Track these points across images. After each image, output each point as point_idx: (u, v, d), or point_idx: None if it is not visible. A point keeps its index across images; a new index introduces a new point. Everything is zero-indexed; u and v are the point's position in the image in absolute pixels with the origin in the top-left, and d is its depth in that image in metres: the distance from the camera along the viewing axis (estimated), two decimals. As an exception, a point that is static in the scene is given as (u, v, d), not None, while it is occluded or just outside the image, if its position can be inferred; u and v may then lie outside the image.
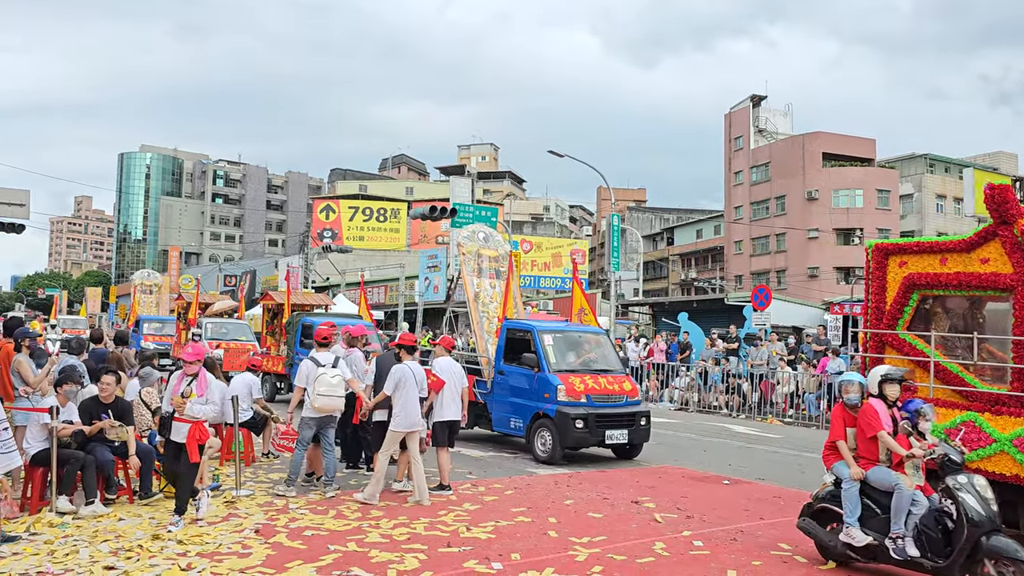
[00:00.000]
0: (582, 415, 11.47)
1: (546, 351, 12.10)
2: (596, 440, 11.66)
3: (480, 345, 13.97)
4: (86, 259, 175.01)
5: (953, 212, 54.37)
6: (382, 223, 64.57)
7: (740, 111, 60.84)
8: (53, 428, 7.78)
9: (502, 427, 12.76)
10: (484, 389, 13.10)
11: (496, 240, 15.69)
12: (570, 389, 11.66)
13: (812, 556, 7.09)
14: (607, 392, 12.00)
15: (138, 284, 35.89)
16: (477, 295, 14.44)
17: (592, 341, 13.12)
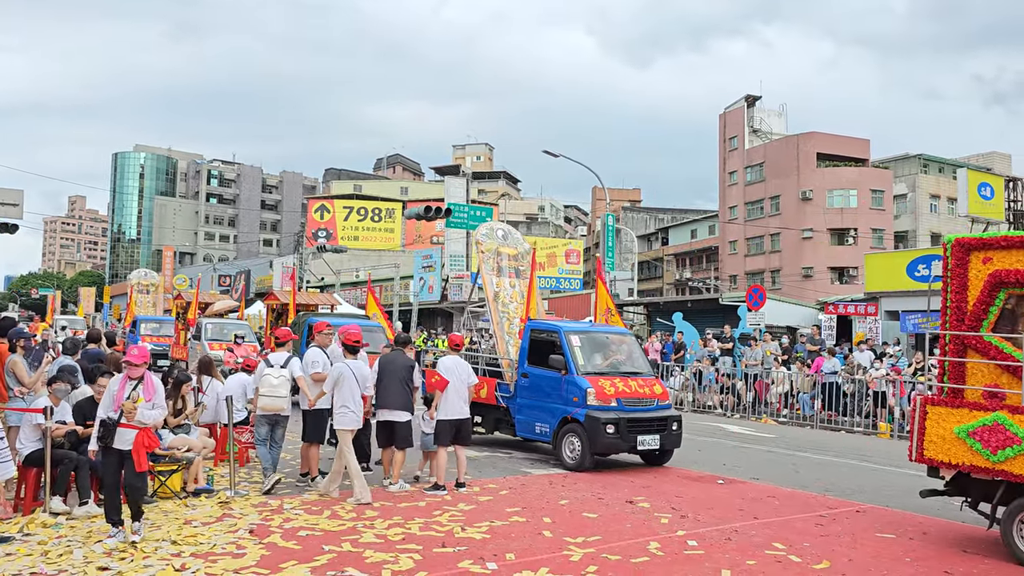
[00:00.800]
0: (613, 420, 10.91)
1: (573, 353, 11.55)
2: (628, 446, 11.09)
3: (501, 346, 13.36)
4: (80, 259, 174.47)
5: (947, 212, 54.50)
6: (377, 223, 64.52)
7: (735, 111, 60.92)
8: (47, 429, 7.76)
9: (526, 432, 12.19)
10: (506, 392, 12.54)
11: (515, 238, 15.11)
12: (600, 392, 11.10)
13: (806, 555, 7.12)
14: (638, 395, 11.44)
15: (135, 284, 35.15)
16: (497, 294, 13.83)
17: (619, 342, 12.56)
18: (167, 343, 25.93)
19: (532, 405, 12.02)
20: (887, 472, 12.25)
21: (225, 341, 21.93)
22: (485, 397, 12.70)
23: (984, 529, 8.40)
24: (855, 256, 47.69)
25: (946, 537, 8.04)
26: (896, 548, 7.52)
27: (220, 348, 20.37)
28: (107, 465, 7.07)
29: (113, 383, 7.22)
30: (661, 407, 11.63)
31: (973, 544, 7.78)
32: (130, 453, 6.93)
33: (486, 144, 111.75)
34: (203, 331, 22.62)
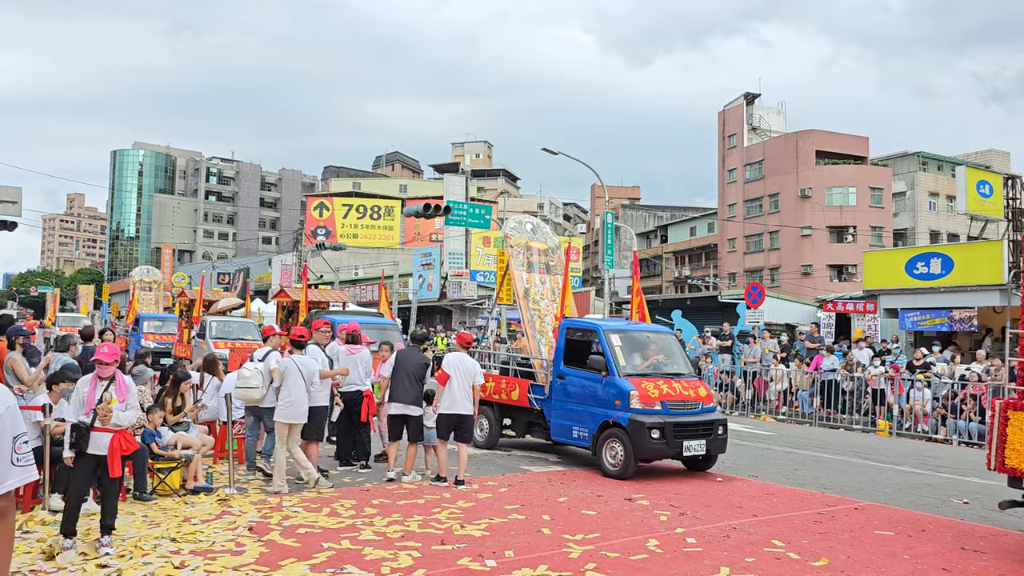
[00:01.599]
0: (658, 424, 10.32)
1: (614, 353, 10.93)
2: (673, 452, 10.53)
3: (532, 346, 12.75)
4: (79, 257, 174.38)
5: (946, 210, 54.51)
6: (376, 221, 64.50)
7: (734, 109, 60.89)
8: (46, 426, 7.76)
9: (562, 436, 11.53)
10: (540, 394, 11.86)
11: (545, 232, 14.48)
12: (644, 395, 10.49)
13: (805, 552, 7.12)
14: (683, 398, 10.84)
15: (137, 281, 34.55)
16: (527, 291, 13.21)
17: (660, 341, 11.95)
18: (170, 341, 25.72)
19: (569, 408, 11.39)
20: (886, 469, 12.26)
21: (230, 339, 21.52)
22: (517, 399, 12.20)
23: (982, 526, 8.42)
24: (854, 254, 47.70)
25: (945, 534, 8.05)
26: (895, 545, 7.53)
27: (225, 346, 20.14)
28: (79, 471, 6.68)
29: (82, 384, 6.84)
30: (706, 410, 11.04)
31: (971, 541, 7.79)
32: (105, 459, 6.73)
33: (485, 142, 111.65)
34: (208, 329, 22.21)
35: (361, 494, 9.09)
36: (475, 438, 12.39)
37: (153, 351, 22.96)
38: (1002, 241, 21.63)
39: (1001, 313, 21.50)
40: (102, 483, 6.80)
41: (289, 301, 20.66)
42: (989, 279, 20.51)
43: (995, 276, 20.38)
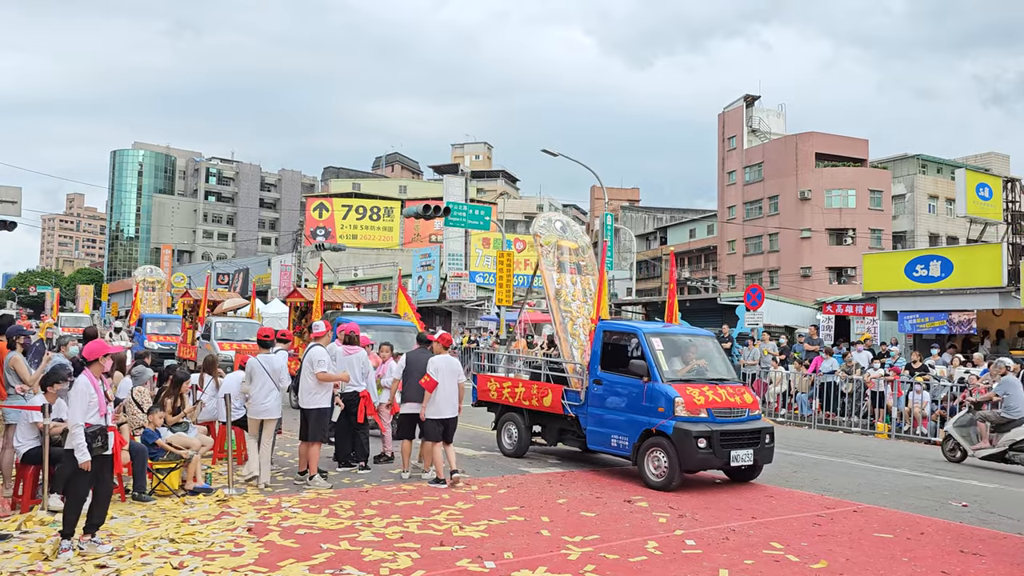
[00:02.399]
0: (705, 433, 9.79)
1: (656, 357, 10.41)
2: (721, 462, 10.00)
3: (564, 349, 12.11)
4: (78, 257, 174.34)
5: (945, 213, 54.52)
6: (375, 221, 64.55)
7: (734, 111, 60.92)
8: (45, 426, 7.75)
9: (600, 445, 10.98)
10: (575, 401, 11.29)
11: (575, 230, 13.88)
12: (689, 402, 9.98)
13: (804, 555, 7.13)
14: (729, 405, 10.34)
15: (140, 281, 33.72)
16: (558, 292, 12.59)
17: (701, 345, 11.42)
18: (174, 342, 25.43)
19: (607, 415, 10.79)
20: (885, 472, 12.26)
21: (236, 340, 21.06)
22: (549, 405, 11.62)
23: (980, 529, 8.42)
24: (853, 256, 47.72)
25: (943, 537, 8.05)
26: (893, 548, 7.54)
27: (231, 348, 19.86)
28: (86, 472, 6.54)
29: (85, 387, 6.62)
30: (752, 418, 10.58)
31: (970, 544, 7.79)
32: (111, 458, 6.79)
33: (485, 143, 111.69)
34: (213, 330, 21.82)
35: (360, 495, 9.10)
36: (503, 446, 12.32)
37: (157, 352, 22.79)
38: (1001, 244, 21.64)
39: (1000, 316, 21.53)
40: (100, 483, 6.74)
41: (302, 302, 19.96)
42: (988, 282, 20.52)
43: (994, 279, 20.39)
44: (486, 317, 38.15)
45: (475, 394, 13.03)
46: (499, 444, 12.56)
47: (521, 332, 32.48)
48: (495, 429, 12.77)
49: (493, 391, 12.67)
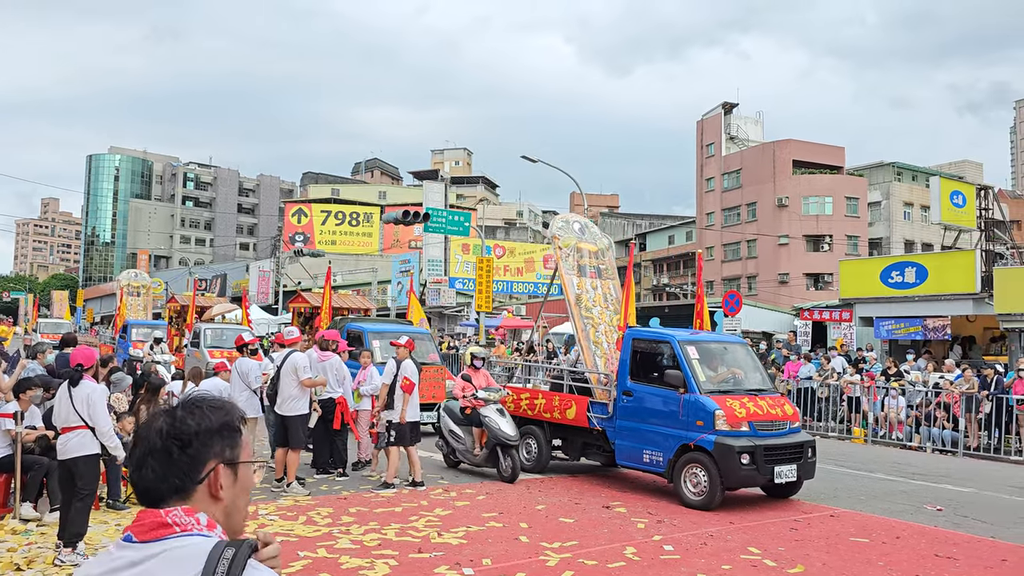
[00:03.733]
0: (748, 448, 9.18)
1: (692, 367, 9.77)
2: (764, 479, 9.40)
3: (587, 358, 11.39)
4: (53, 262, 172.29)
5: (920, 220, 55.15)
6: (355, 227, 64.24)
7: (712, 118, 61.33)
8: (18, 434, 7.65)
9: (630, 461, 10.31)
10: (602, 413, 10.63)
11: (594, 232, 13.17)
12: (731, 415, 9.36)
13: (781, 559, 7.16)
14: (771, 418, 9.72)
15: (125, 285, 32.38)
16: (579, 297, 11.90)
17: (735, 353, 10.84)
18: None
19: (638, 429, 10.13)
20: (861, 477, 12.35)
21: (226, 348, 19.93)
22: (573, 418, 10.97)
23: (955, 533, 8.50)
24: (830, 262, 48.12)
25: (919, 541, 8.12)
26: (870, 552, 7.59)
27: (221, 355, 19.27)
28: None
29: (103, 391, 6.94)
30: (793, 431, 9.97)
31: (945, 548, 7.86)
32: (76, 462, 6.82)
33: (465, 149, 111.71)
34: (202, 337, 20.82)
35: (338, 502, 9.04)
36: (522, 461, 11.27)
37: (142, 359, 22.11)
38: (975, 251, 21.91)
39: (974, 322, 21.77)
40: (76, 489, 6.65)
41: (308, 307, 19.34)
42: (962, 288, 20.76)
43: (968, 285, 20.63)
44: (465, 323, 38.09)
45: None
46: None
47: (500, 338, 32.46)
48: None
49: (510, 403, 11.87)
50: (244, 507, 1.73)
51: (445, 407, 11.36)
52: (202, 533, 1.56)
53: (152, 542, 1.54)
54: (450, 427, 11.09)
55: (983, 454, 14.82)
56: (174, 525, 1.56)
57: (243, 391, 10.09)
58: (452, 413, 11.17)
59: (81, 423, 6.65)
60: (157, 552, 1.52)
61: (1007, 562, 7.46)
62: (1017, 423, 14.77)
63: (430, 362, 15.22)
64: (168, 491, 1.61)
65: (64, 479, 6.79)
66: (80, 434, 6.64)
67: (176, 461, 1.61)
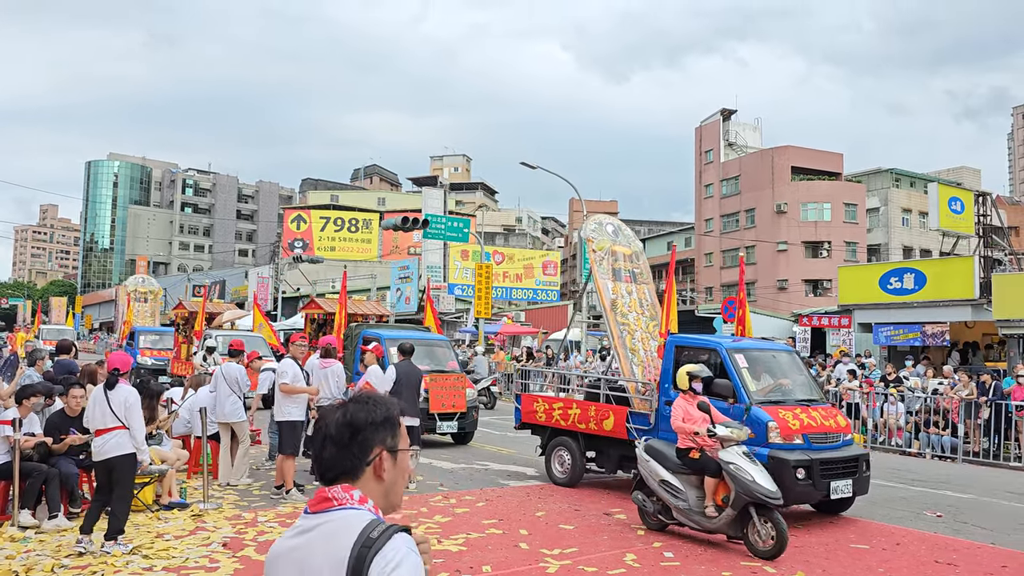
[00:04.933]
0: (803, 462, 8.66)
1: (742, 376, 9.32)
2: (820, 495, 8.87)
3: (624, 367, 10.84)
4: (52, 268, 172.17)
5: (919, 226, 55.20)
6: (354, 233, 64.25)
7: (710, 125, 61.44)
8: (16, 441, 7.63)
9: None
10: (643, 424, 10.04)
11: (627, 235, 12.64)
12: (784, 427, 8.88)
13: (781, 566, 7.15)
14: (825, 430, 9.24)
15: (132, 291, 31.74)
16: (614, 303, 11.32)
17: (783, 361, 10.33)
18: (167, 357, 23.62)
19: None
20: (860, 483, 12.32)
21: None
22: (611, 429, 10.47)
23: (955, 539, 8.49)
24: (829, 269, 48.17)
25: (919, 547, 8.11)
26: (870, 558, 7.58)
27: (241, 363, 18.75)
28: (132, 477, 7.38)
29: (138, 398, 7.27)
30: (846, 443, 9.53)
31: (945, 554, 7.86)
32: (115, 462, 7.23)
33: (464, 155, 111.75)
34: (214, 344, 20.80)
35: (337, 509, 9.01)
36: (554, 474, 11.09)
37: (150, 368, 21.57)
38: (973, 257, 21.93)
39: (973, 328, 21.79)
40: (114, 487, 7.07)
41: (321, 313, 18.70)
42: (961, 294, 20.77)
43: (967, 291, 20.64)
44: (464, 329, 38.08)
45: (518, 415, 12.00)
46: (548, 471, 11.24)
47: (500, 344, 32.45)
48: (542, 454, 11.50)
49: (541, 412, 11.43)
50: (400, 487, 2.11)
51: (648, 447, 8.54)
52: (354, 507, 1.96)
53: (319, 513, 1.96)
54: (661, 476, 8.17)
55: (983, 460, 14.82)
56: (333, 499, 1.96)
57: (228, 395, 10.28)
58: (662, 455, 8.32)
59: (118, 424, 7.01)
60: (322, 521, 1.95)
61: (1007, 568, 7.45)
62: (1016, 429, 14.77)
63: (449, 370, 15.02)
64: (342, 471, 1.99)
65: (101, 479, 7.17)
66: (117, 435, 7.01)
67: (349, 447, 1.99)
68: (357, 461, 2.00)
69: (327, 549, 1.89)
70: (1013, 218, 54.93)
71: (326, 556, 1.88)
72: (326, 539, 1.91)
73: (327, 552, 1.88)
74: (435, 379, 14.03)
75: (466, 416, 14.55)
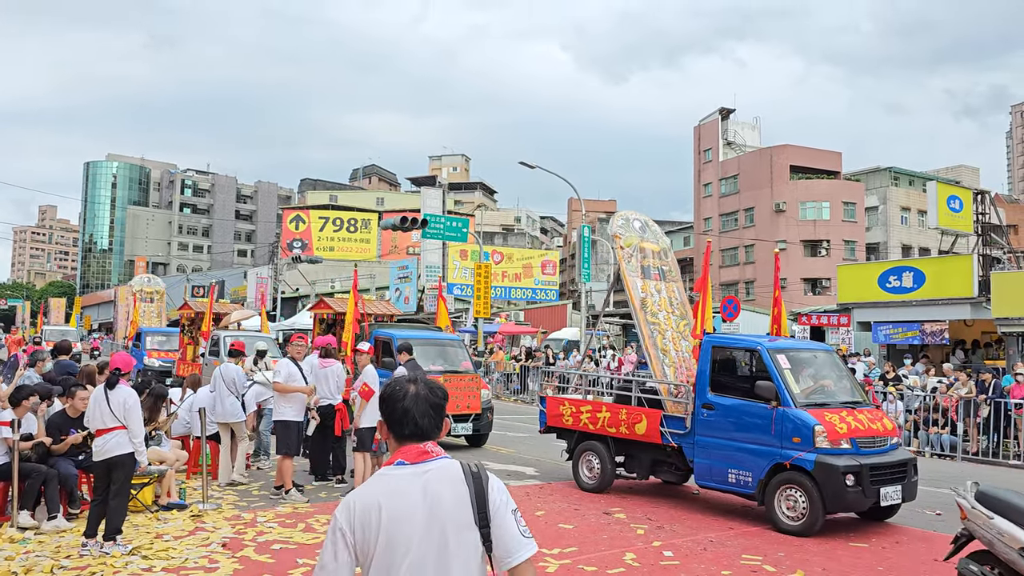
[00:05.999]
0: (853, 468, 8.31)
1: (785, 377, 8.90)
2: (870, 502, 8.49)
3: (655, 368, 10.43)
4: (50, 269, 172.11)
5: (917, 224, 55.23)
6: (352, 233, 64.22)
7: (709, 124, 61.43)
8: (14, 442, 7.63)
9: (712, 481, 9.38)
10: (679, 428, 9.69)
11: (654, 231, 12.23)
12: (831, 431, 8.47)
13: (781, 565, 7.15)
14: (872, 433, 8.83)
15: (137, 291, 30.92)
16: (644, 301, 10.89)
17: (825, 361, 9.91)
18: (173, 359, 23.16)
19: (723, 446, 9.22)
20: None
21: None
22: (644, 433, 10.04)
23: (955, 538, 8.49)
24: (828, 267, 48.20)
25: (918, 546, 8.12)
26: (869, 557, 7.59)
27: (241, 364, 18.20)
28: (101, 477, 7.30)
29: (137, 400, 7.34)
30: (893, 447, 9.13)
31: (944, 552, 7.84)
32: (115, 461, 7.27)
33: (462, 155, 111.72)
34: (221, 345, 19.49)
35: (337, 509, 9.01)
36: (582, 480, 10.72)
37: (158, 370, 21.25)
38: (972, 255, 21.94)
39: (972, 326, 21.79)
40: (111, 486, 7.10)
41: (331, 313, 18.17)
42: (960, 292, 20.78)
43: (966, 290, 20.65)
44: (463, 329, 38.10)
45: (543, 419, 11.56)
46: (576, 477, 10.84)
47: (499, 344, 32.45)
48: (569, 459, 11.12)
49: (568, 416, 11.03)
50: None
51: (986, 496, 6.01)
52: (445, 456, 2.58)
53: (421, 463, 2.51)
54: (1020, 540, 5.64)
55: (982, 458, 14.83)
56: (432, 452, 2.55)
57: (227, 396, 10.30)
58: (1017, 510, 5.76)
59: (118, 424, 7.06)
60: (430, 468, 2.51)
61: (1007, 567, 7.45)
62: (1015, 427, 14.78)
63: (463, 370, 14.64)
64: (434, 432, 2.59)
65: (100, 478, 7.18)
66: (117, 435, 7.07)
67: (435, 418, 2.60)
68: (440, 426, 2.61)
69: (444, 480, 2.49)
70: (1012, 216, 54.96)
71: (444, 484, 2.48)
72: (440, 476, 2.49)
73: (443, 481, 2.49)
74: (449, 379, 13.61)
75: (481, 417, 14.15)
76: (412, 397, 2.56)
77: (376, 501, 2.41)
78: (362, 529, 2.39)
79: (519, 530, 2.57)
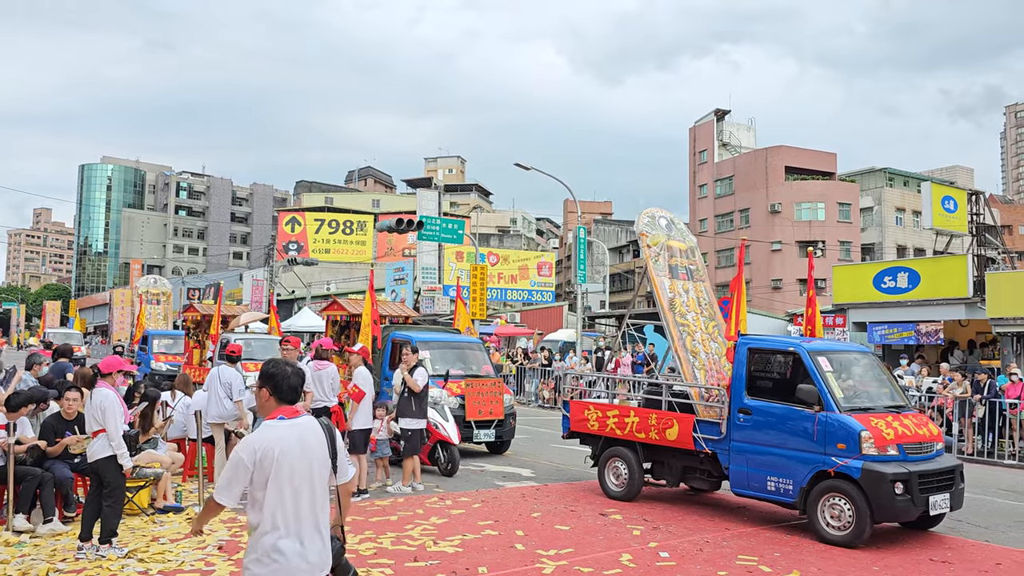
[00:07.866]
0: (902, 476, 7.93)
1: (827, 381, 8.52)
2: (919, 511, 8.09)
3: (685, 371, 10.00)
4: (45, 272, 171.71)
5: (912, 225, 55.37)
6: (348, 236, 64.25)
7: (704, 125, 61.53)
8: (9, 446, 7.61)
9: (749, 488, 9.00)
10: (713, 434, 9.29)
11: (680, 229, 11.76)
12: (878, 437, 8.11)
13: (777, 566, 7.17)
14: (918, 439, 8.45)
15: (143, 293, 30.16)
16: (672, 302, 10.50)
17: (866, 364, 9.50)
18: (179, 362, 22.87)
19: (760, 452, 8.84)
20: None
21: (254, 360, 17.42)
22: (675, 439, 9.65)
23: (949, 537, 8.52)
24: (823, 268, 48.26)
25: (913, 546, 8.14)
26: (865, 557, 7.60)
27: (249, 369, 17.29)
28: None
29: (115, 399, 7.20)
30: (939, 454, 8.76)
31: (940, 552, 7.88)
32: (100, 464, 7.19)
33: (458, 157, 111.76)
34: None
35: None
36: (609, 487, 10.37)
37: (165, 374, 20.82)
38: (967, 256, 22.00)
39: (967, 326, 21.85)
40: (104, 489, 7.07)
41: (344, 315, 17.65)
42: (955, 293, 20.84)
43: (960, 290, 20.71)
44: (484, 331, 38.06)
45: (566, 424, 11.20)
46: (602, 484, 10.48)
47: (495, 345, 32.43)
48: (594, 465, 10.78)
49: (593, 421, 10.68)
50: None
51: None
52: (307, 415, 3.87)
53: (294, 419, 3.77)
54: None
55: (977, 458, 14.87)
56: (300, 411, 3.82)
57: (223, 398, 10.28)
58: None
59: (100, 427, 7.06)
60: (299, 423, 3.78)
61: (1001, 566, 7.49)
62: (1010, 427, 14.82)
63: (484, 375, 13.94)
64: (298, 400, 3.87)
65: (93, 481, 7.23)
66: (101, 437, 7.06)
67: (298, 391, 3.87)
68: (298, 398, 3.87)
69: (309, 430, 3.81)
70: (1006, 217, 55.13)
71: (313, 434, 3.82)
72: (307, 428, 3.80)
73: (310, 431, 3.81)
74: (471, 384, 13.18)
75: (503, 424, 13.50)
76: (293, 375, 3.81)
77: (272, 444, 3.62)
78: (261, 463, 3.58)
79: (347, 463, 4.07)
